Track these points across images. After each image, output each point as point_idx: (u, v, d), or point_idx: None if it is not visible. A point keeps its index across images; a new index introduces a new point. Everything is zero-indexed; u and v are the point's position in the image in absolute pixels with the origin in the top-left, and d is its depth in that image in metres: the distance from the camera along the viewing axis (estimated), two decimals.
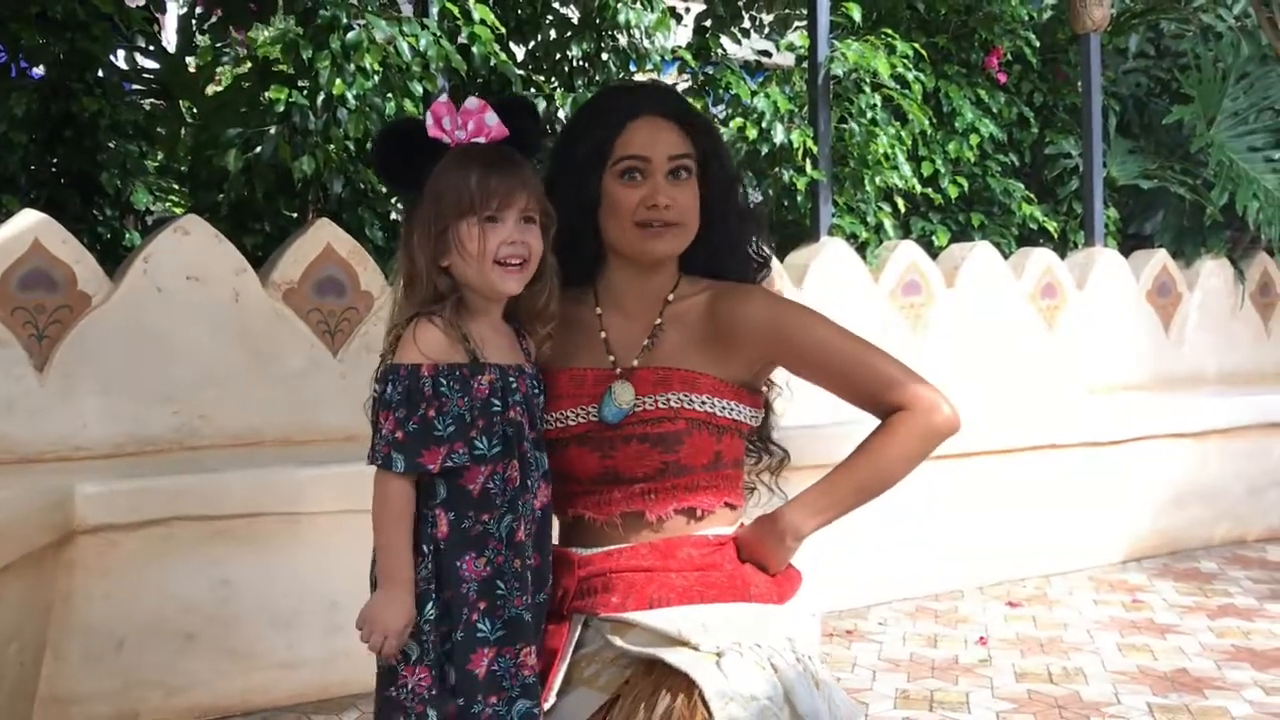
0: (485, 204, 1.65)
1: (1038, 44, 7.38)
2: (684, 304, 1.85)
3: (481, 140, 1.71)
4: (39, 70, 5.16)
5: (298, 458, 3.85)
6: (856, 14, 6.17)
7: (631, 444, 1.76)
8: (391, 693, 1.65)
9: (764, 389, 1.90)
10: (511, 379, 1.70)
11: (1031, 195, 7.25)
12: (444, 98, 1.77)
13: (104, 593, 3.38)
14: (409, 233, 1.71)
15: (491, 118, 1.71)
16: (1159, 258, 6.68)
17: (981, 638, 4.27)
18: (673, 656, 1.65)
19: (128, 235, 5.21)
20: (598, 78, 5.64)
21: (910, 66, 6.18)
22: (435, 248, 1.67)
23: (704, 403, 1.77)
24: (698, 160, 1.81)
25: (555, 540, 1.85)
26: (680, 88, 6.54)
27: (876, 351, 1.83)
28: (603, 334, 1.85)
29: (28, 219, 3.85)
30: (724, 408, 1.79)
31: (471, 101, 1.73)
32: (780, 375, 1.92)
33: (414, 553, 1.66)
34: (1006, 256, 6.29)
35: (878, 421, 1.83)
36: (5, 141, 4.73)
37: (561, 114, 5.46)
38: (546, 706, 1.71)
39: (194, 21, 6.06)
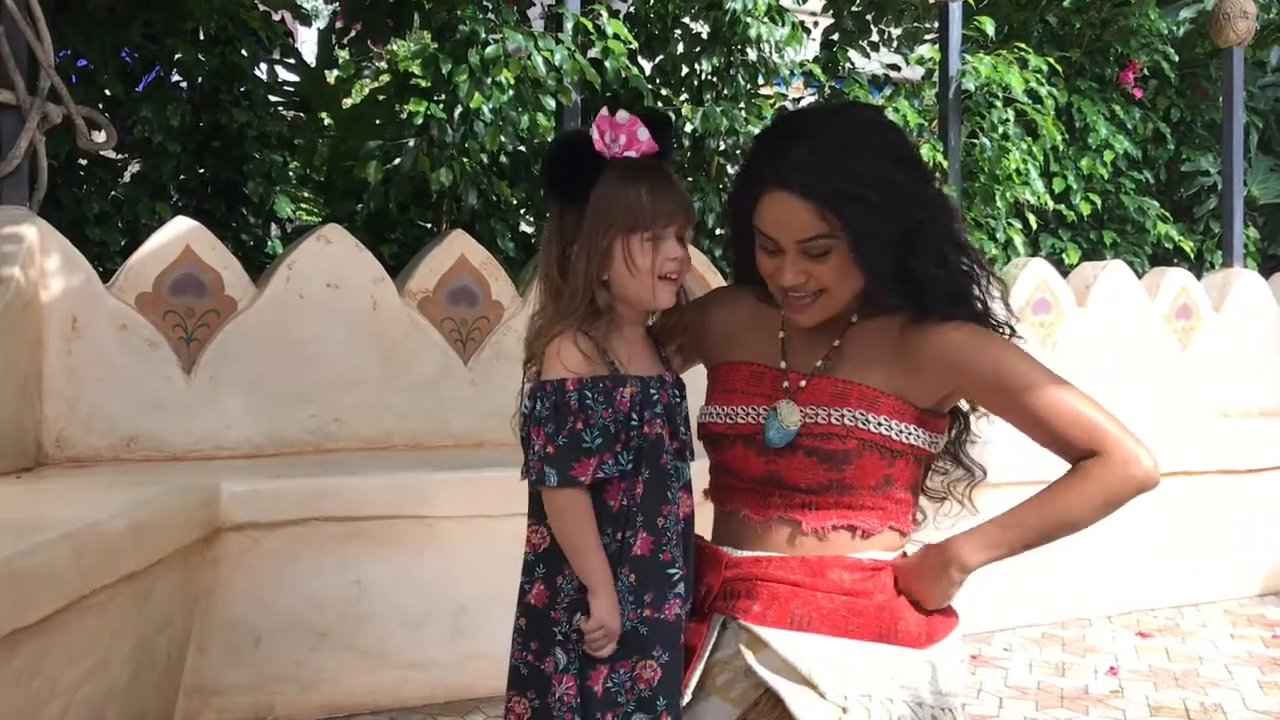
0: (655, 221, 1.68)
1: (1176, 58, 7.18)
2: (872, 322, 1.76)
3: (634, 154, 1.72)
4: (184, 84, 5.38)
5: (429, 462, 3.93)
6: (989, 28, 6.08)
7: (798, 455, 1.71)
8: (548, 699, 1.67)
9: (949, 412, 1.80)
10: (653, 390, 1.70)
11: (1167, 214, 7.06)
12: (604, 111, 1.77)
13: (244, 589, 3.50)
14: (563, 245, 1.72)
15: (643, 133, 1.72)
16: None
17: (1112, 668, 4.16)
18: (796, 700, 1.61)
19: (269, 243, 5.39)
20: (726, 92, 5.65)
21: (1043, 81, 6.06)
22: (599, 261, 1.69)
23: (880, 424, 1.69)
24: (843, 233, 1.64)
25: (709, 534, 1.84)
26: (805, 103, 6.53)
27: (1076, 394, 1.69)
28: (780, 334, 1.81)
29: (180, 226, 4.02)
30: (901, 431, 1.71)
31: (622, 115, 1.73)
32: None
33: (565, 562, 1.68)
34: (1140, 276, 6.12)
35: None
36: (161, 151, 4.94)
37: (689, 128, 5.49)
38: (681, 704, 1.70)
39: (334, 36, 6.25)
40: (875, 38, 6.99)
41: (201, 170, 5.26)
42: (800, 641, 1.67)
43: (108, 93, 5.09)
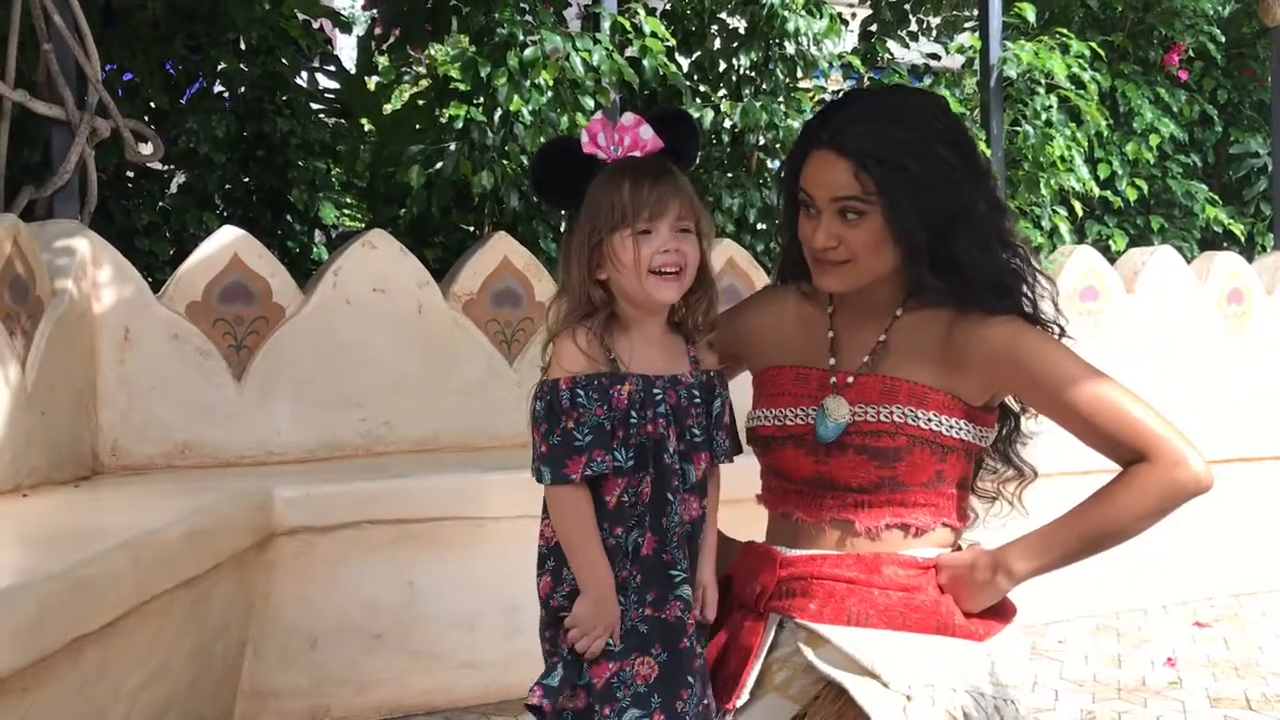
0: (637, 215, 1.66)
1: (1222, 39, 7.07)
2: (918, 315, 1.75)
3: (637, 154, 1.71)
4: (227, 95, 5.44)
5: (478, 464, 3.95)
6: (1030, 14, 6.02)
7: (848, 454, 1.70)
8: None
9: (998, 407, 1.80)
10: (657, 390, 1.69)
11: (1215, 197, 6.96)
12: (599, 115, 1.78)
13: (298, 593, 3.53)
14: (567, 247, 1.75)
15: (646, 131, 1.72)
16: None
17: (1169, 659, 4.11)
18: (860, 690, 1.61)
19: (315, 249, 5.44)
20: (765, 86, 5.64)
21: (1086, 66, 6.00)
22: (590, 261, 1.70)
23: (929, 420, 1.69)
24: (878, 199, 1.65)
25: (761, 537, 1.85)
26: None
27: (1124, 393, 1.67)
28: (830, 333, 1.80)
29: (228, 235, 4.07)
30: (951, 427, 1.70)
31: (627, 117, 1.74)
32: None
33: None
34: (1189, 261, 6.04)
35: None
36: (206, 161, 5.00)
37: (728, 124, 5.48)
38: (739, 704, 1.71)
39: (373, 42, 6.30)
40: (914, 27, 6.95)
41: (246, 179, 5.33)
42: (860, 635, 1.67)
43: (153, 105, 5.16)
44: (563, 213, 5.65)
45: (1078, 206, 6.12)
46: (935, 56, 6.91)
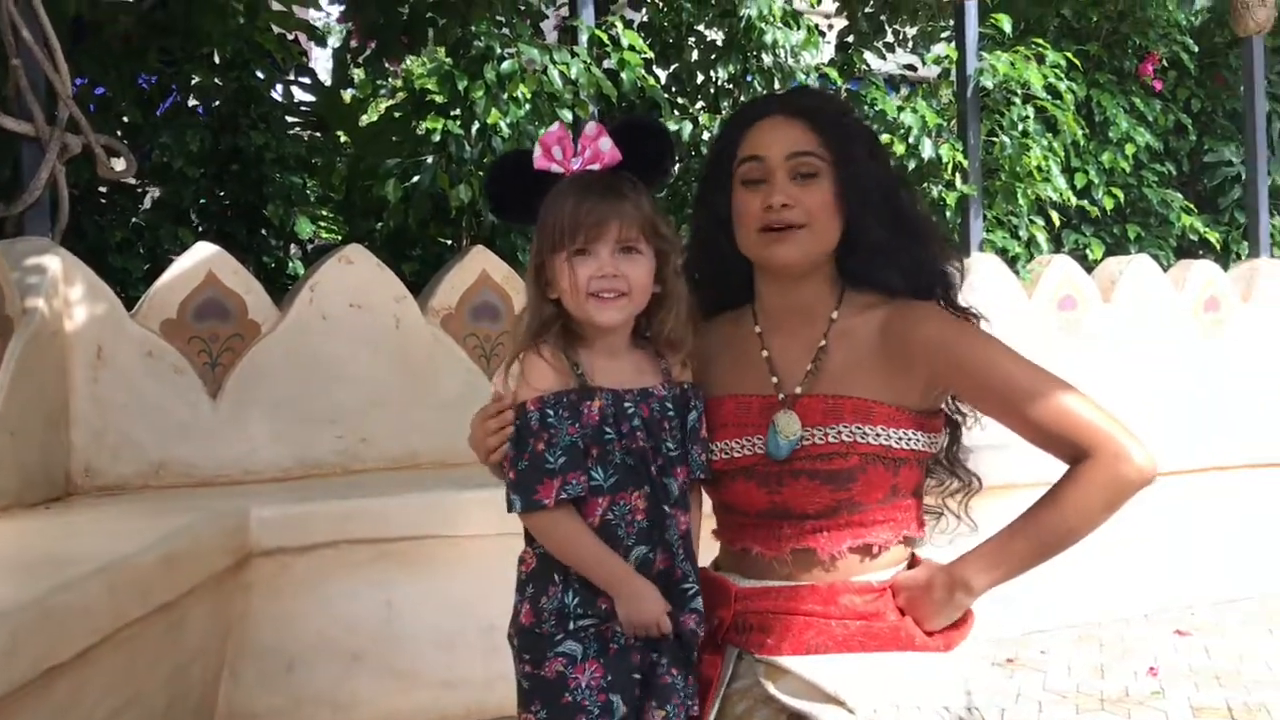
0: (573, 238, 1.62)
1: (1195, 49, 7.12)
2: (852, 320, 1.72)
3: (596, 167, 1.67)
4: (201, 109, 5.40)
5: (456, 481, 3.92)
6: (1006, 24, 6.04)
7: (800, 480, 1.65)
8: (566, 699, 1.63)
9: (943, 411, 1.76)
10: (628, 404, 1.64)
11: (1191, 205, 7.00)
12: (556, 126, 1.75)
13: (276, 614, 3.48)
14: (529, 266, 1.72)
15: (605, 143, 1.67)
16: None
17: (1151, 668, 4.11)
18: (825, 717, 1.57)
19: (291, 264, 5.40)
20: (743, 98, 5.64)
21: (1062, 76, 6.02)
22: (538, 281, 1.67)
23: (879, 435, 1.64)
24: (831, 158, 1.67)
25: (710, 565, 1.81)
26: None
27: (1063, 387, 1.63)
28: (764, 353, 1.75)
29: (202, 251, 4.03)
30: (901, 438, 1.65)
31: (590, 127, 1.69)
32: None
33: (548, 583, 1.66)
34: (1165, 269, 6.07)
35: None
36: (180, 176, 4.96)
37: (706, 136, 5.47)
38: None
39: (348, 55, 6.26)
40: (890, 38, 6.96)
41: (221, 194, 5.29)
42: (820, 662, 1.63)
43: (126, 120, 5.11)
44: None
45: (1055, 216, 6.14)
46: (912, 67, 6.94)
